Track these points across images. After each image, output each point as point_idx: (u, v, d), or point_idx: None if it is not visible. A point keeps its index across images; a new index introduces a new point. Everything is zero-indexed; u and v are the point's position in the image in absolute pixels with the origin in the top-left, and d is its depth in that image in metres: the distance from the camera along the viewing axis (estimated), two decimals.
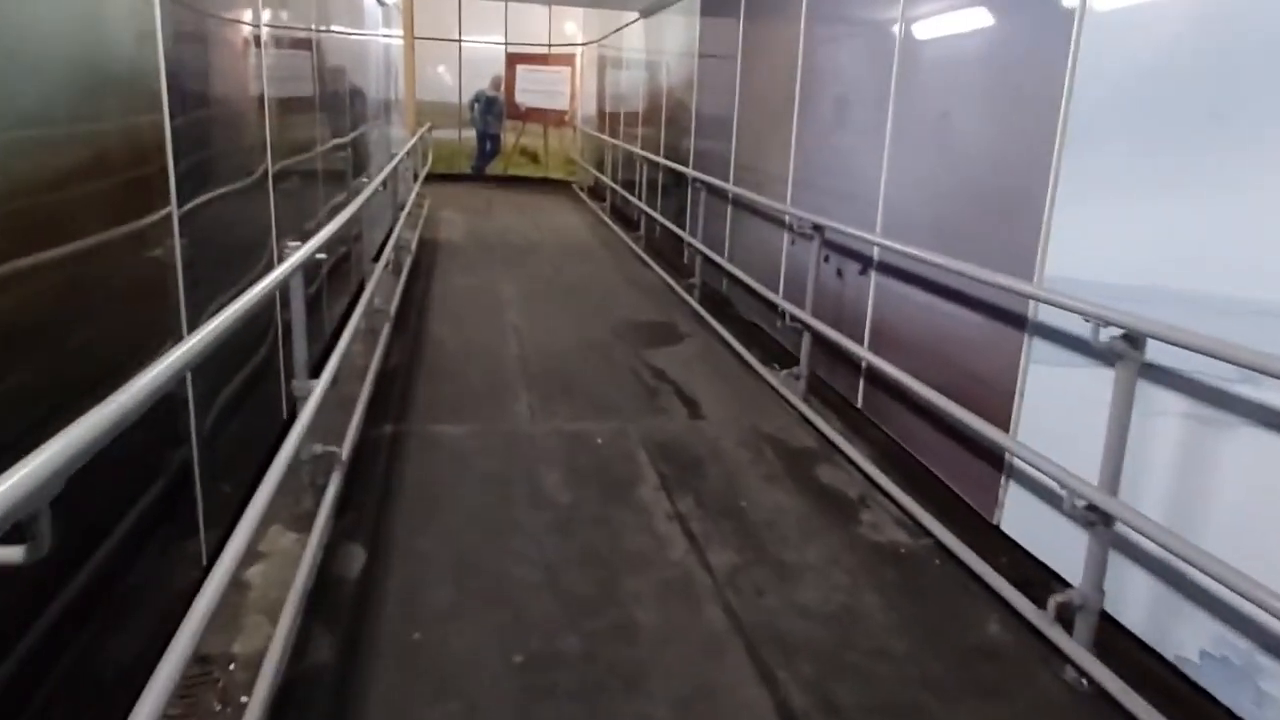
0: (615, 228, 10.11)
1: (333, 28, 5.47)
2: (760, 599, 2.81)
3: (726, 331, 5.79)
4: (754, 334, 5.79)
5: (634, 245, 8.89)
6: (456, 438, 4.03)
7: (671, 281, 7.28)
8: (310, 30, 4.64)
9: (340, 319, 5.01)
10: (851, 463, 3.88)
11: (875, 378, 4.16)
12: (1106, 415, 2.38)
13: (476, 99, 14.44)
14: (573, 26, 14.24)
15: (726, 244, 6.53)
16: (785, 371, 4.57)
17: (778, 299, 5.18)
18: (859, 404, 4.32)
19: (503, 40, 14.34)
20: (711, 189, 6.42)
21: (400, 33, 11.06)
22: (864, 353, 4.01)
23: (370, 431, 3.99)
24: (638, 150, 9.37)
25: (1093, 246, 2.70)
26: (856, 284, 4.34)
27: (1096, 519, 2.40)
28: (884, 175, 4.03)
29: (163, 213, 2.26)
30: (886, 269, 4.05)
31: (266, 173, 3.50)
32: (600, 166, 12.39)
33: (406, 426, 4.11)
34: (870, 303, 4.19)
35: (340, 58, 5.78)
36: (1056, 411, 2.88)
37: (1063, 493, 2.43)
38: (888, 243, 3.67)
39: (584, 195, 13.08)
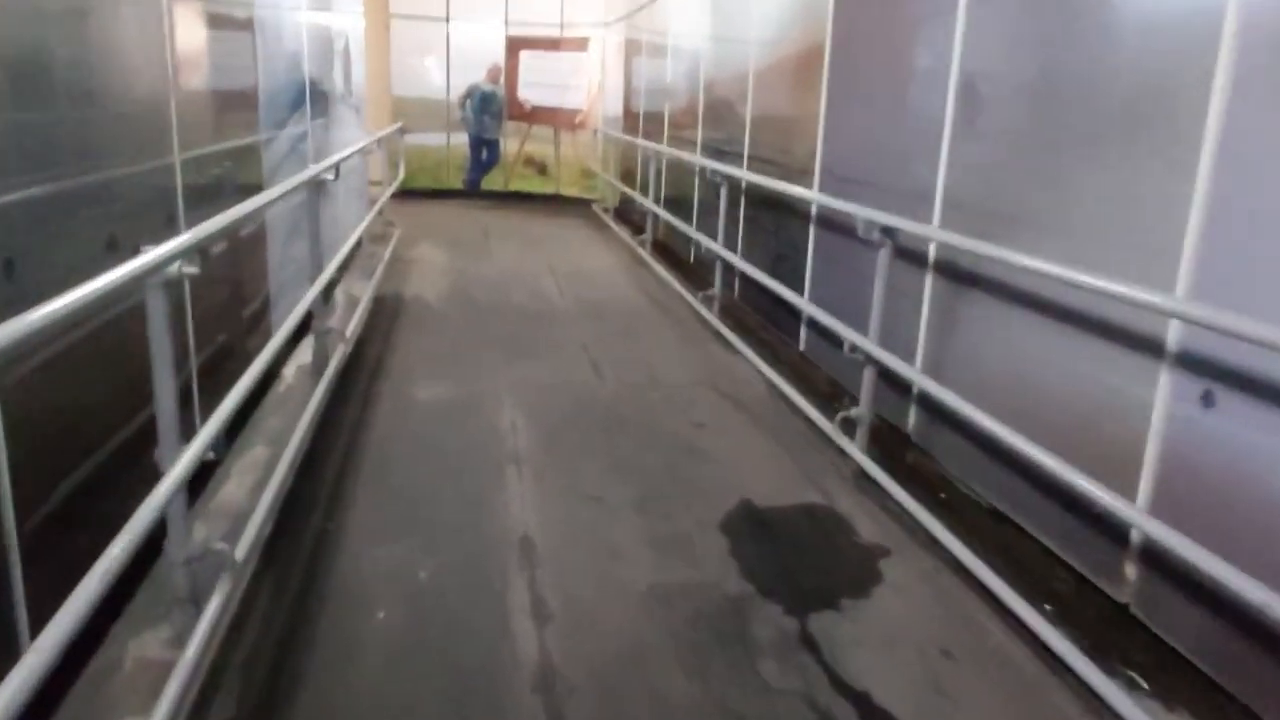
0: (666, 274, 7.06)
1: None
2: None
3: (961, 545, 2.75)
4: (1025, 551, 2.76)
5: (705, 310, 5.83)
6: None
7: (795, 395, 4.23)
8: None
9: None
10: None
11: None
12: None
13: (469, 95, 11.42)
14: (591, 3, 11.20)
15: (920, 343, 3.49)
16: None
17: (1133, 515, 2.13)
18: None
19: (502, 20, 11.33)
20: (898, 246, 3.38)
21: (359, 7, 8.04)
22: None
23: None
24: (704, 162, 6.32)
25: None
26: None
27: None
28: None
29: None
30: None
31: None
32: (631, 181, 9.37)
33: None
34: None
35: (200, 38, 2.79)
36: None
37: None
38: None
39: (609, 219, 10.04)
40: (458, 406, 4.03)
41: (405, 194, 11.21)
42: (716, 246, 5.65)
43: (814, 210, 4.58)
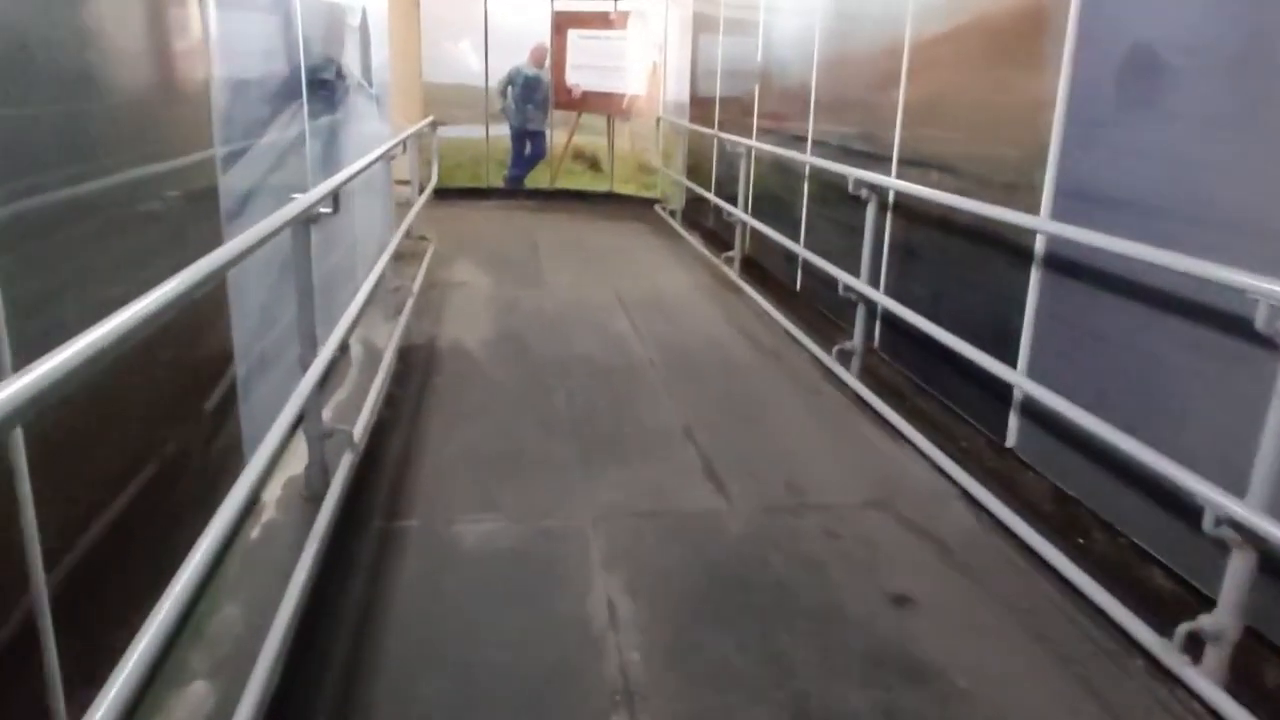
0: (767, 306, 5.59)
1: None
2: None
3: None
4: None
5: (841, 371, 4.36)
6: None
7: (1028, 532, 2.76)
8: None
9: None
10: None
11: None
12: None
13: (511, 80, 10.01)
14: None
15: None
16: None
17: None
18: None
19: None
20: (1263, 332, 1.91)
21: None
22: None
23: None
24: (838, 168, 4.83)
25: None
26: None
27: None
28: None
29: None
30: None
31: None
32: (702, 179, 7.90)
33: None
34: None
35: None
36: None
37: None
38: None
39: (676, 224, 8.57)
40: (521, 566, 2.62)
41: (439, 194, 9.86)
42: (858, 284, 4.17)
43: (1039, 246, 3.09)
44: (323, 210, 2.73)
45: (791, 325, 5.05)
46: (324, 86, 4.12)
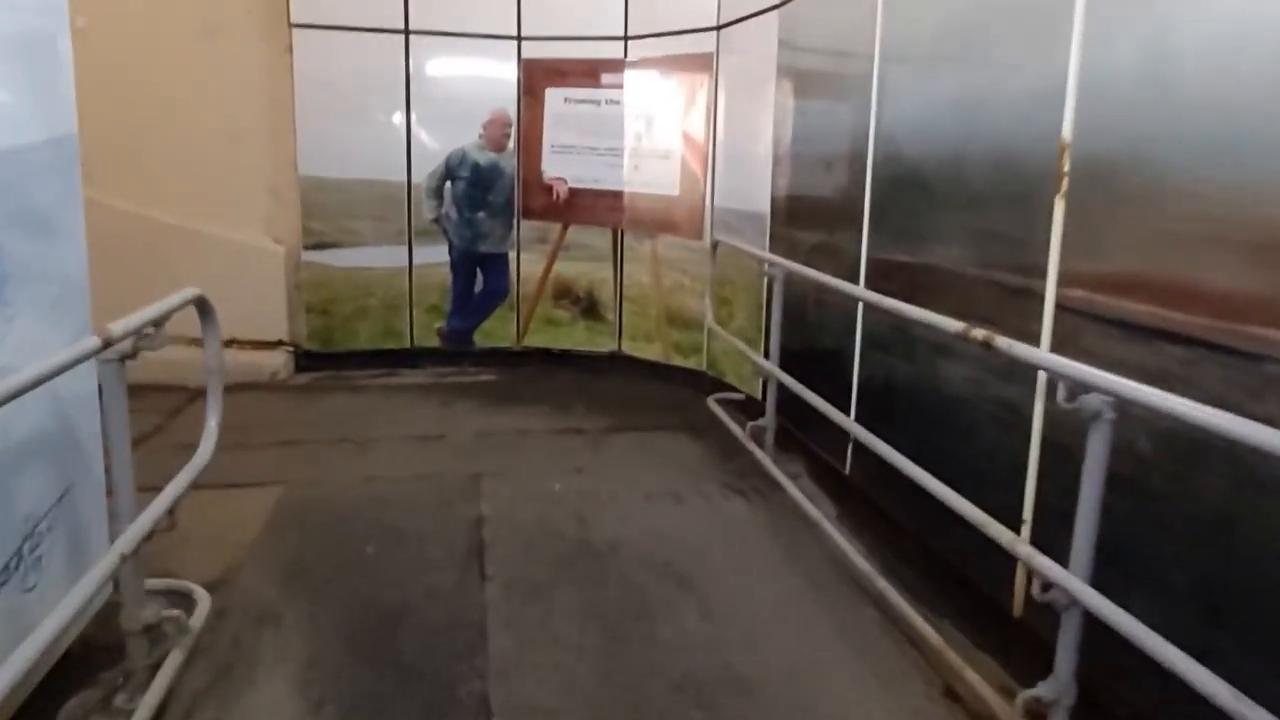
0: None
1: None
2: None
3: None
4: None
5: None
6: None
7: None
8: None
9: None
10: None
11: None
12: None
13: (452, 173, 6.04)
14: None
15: None
16: None
17: None
18: None
19: (513, 31, 5.99)
20: None
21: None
22: None
23: None
24: None
25: None
26: None
27: None
28: None
29: None
30: None
31: None
32: (819, 371, 3.87)
33: None
34: None
35: None
36: None
37: None
38: None
39: (763, 454, 4.45)
40: None
41: (323, 362, 5.81)
42: None
43: None
44: None
45: None
46: None
